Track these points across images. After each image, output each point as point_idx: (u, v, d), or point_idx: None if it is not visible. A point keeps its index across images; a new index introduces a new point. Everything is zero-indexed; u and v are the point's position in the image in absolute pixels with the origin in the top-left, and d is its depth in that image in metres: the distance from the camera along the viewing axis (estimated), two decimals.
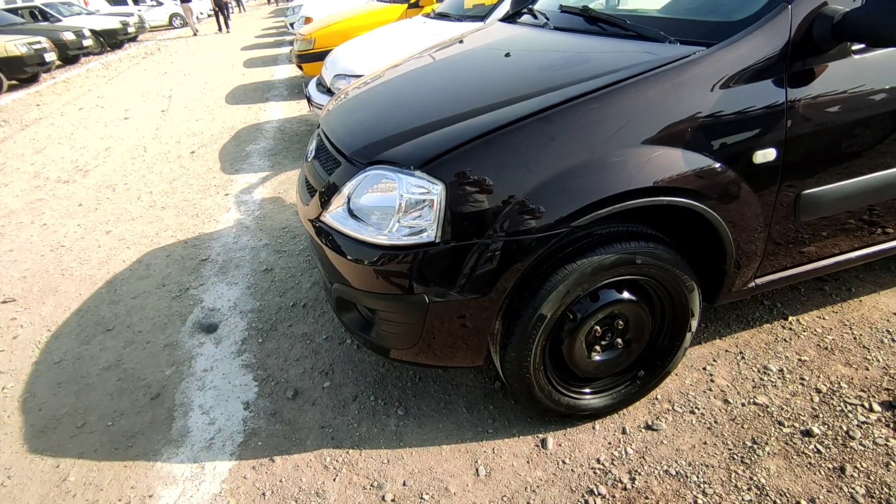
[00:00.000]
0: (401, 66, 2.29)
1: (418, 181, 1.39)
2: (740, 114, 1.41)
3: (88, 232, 3.50)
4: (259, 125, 5.69)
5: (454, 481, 1.59)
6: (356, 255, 1.48)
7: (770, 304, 2.19)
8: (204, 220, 3.53)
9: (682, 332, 1.68)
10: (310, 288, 2.62)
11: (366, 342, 1.66)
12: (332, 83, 4.02)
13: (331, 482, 1.62)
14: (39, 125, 6.71)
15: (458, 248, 1.37)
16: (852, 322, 2.04)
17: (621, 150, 1.36)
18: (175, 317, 2.50)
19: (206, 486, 1.65)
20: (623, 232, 1.48)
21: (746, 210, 1.51)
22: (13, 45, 9.45)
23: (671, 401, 1.78)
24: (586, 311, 1.53)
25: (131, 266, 3.01)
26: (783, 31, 1.40)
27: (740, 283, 1.68)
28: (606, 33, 1.83)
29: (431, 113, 1.62)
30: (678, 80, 1.40)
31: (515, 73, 1.74)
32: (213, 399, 1.98)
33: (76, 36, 12.22)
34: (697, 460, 1.57)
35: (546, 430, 1.72)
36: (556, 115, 1.39)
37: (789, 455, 1.56)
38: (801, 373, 1.84)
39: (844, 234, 1.73)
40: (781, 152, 1.46)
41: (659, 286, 1.59)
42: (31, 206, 4.04)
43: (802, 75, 1.44)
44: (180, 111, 6.67)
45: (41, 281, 2.95)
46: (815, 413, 1.68)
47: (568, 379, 1.67)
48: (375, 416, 1.84)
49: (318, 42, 5.54)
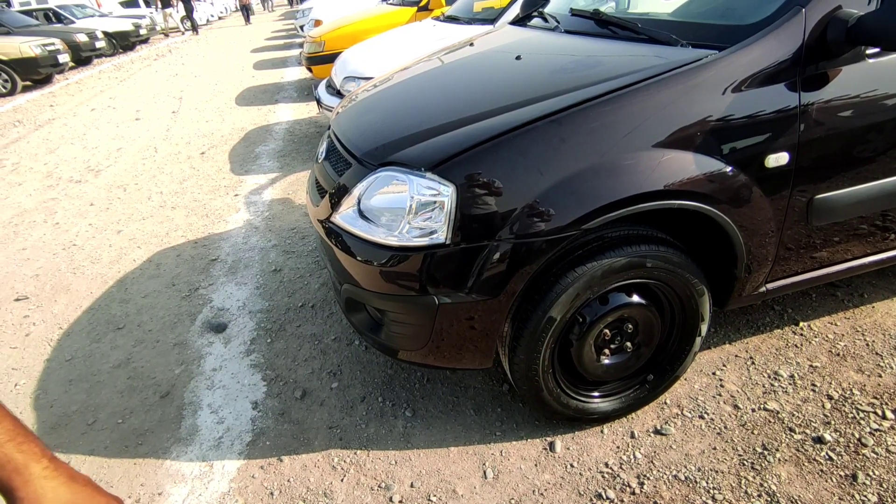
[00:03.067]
0: (411, 69, 2.30)
1: (429, 183, 1.39)
2: (752, 117, 1.41)
3: (100, 231, 3.54)
4: (269, 126, 5.72)
5: (462, 483, 1.59)
6: (366, 256, 1.49)
7: (781, 309, 2.17)
8: (213, 220, 3.55)
9: (692, 337, 1.67)
10: (318, 288, 2.63)
11: (374, 343, 1.66)
12: (342, 85, 4.03)
13: (338, 482, 1.63)
14: (52, 125, 6.80)
15: (468, 249, 1.37)
16: (865, 328, 2.02)
17: (632, 153, 1.36)
18: (184, 316, 2.52)
19: (215, 484, 1.65)
20: (633, 235, 1.48)
21: (758, 214, 1.50)
22: (28, 46, 9.59)
23: (680, 405, 1.77)
24: (596, 315, 1.53)
25: (142, 265, 3.03)
26: (797, 34, 1.39)
27: (751, 287, 1.67)
28: (617, 37, 1.83)
29: (442, 115, 1.63)
30: (690, 84, 1.40)
31: (526, 76, 1.75)
32: (222, 398, 1.99)
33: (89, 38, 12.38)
34: (707, 466, 1.56)
35: (554, 433, 1.72)
36: (566, 118, 1.39)
37: (800, 462, 1.55)
38: (812, 379, 1.82)
39: (857, 240, 1.71)
40: (794, 156, 1.45)
41: (669, 290, 1.58)
42: (44, 206, 4.08)
43: (816, 79, 1.43)
44: (191, 112, 6.72)
45: (53, 279, 2.98)
46: (826, 420, 1.67)
47: (576, 382, 1.67)
48: (383, 417, 1.84)
49: (327, 45, 5.57)
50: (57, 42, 10.46)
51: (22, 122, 7.15)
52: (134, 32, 15.39)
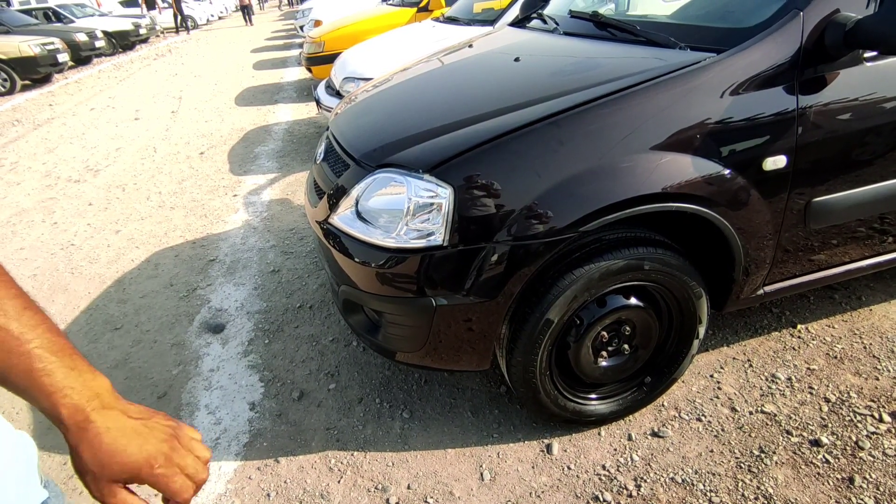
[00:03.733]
0: (410, 70, 2.30)
1: (427, 184, 1.39)
2: (750, 120, 1.41)
3: (98, 231, 3.53)
4: (268, 127, 5.72)
5: (459, 485, 1.59)
6: (364, 258, 1.49)
7: (778, 311, 2.17)
8: (212, 220, 3.55)
9: (690, 339, 1.67)
10: (316, 289, 2.63)
11: (372, 344, 1.66)
12: (341, 86, 4.04)
13: (335, 484, 1.62)
14: (52, 125, 6.79)
15: (465, 251, 1.37)
16: (862, 331, 2.02)
17: (630, 155, 1.36)
18: (182, 316, 2.52)
19: (211, 485, 1.65)
20: (631, 238, 1.48)
21: (756, 217, 1.50)
22: (27, 45, 9.58)
23: (678, 408, 1.77)
24: (593, 317, 1.53)
25: (140, 265, 3.03)
26: (795, 38, 1.39)
27: (749, 290, 1.67)
28: (616, 39, 1.83)
29: (440, 117, 1.63)
30: (688, 86, 1.40)
31: (525, 78, 1.75)
32: (219, 399, 1.99)
33: (89, 37, 12.37)
34: (704, 468, 1.56)
35: (551, 435, 1.72)
36: (565, 120, 1.39)
37: (797, 465, 1.55)
38: (809, 382, 1.82)
39: (855, 243, 1.72)
40: (792, 159, 1.45)
41: (667, 292, 1.58)
42: (43, 205, 4.08)
43: (814, 82, 1.43)
44: (190, 112, 6.72)
45: (51, 279, 2.97)
46: (823, 423, 1.67)
47: (574, 384, 1.67)
48: (381, 419, 1.84)
49: (327, 45, 5.57)
50: (56, 41, 10.46)
51: (21, 122, 7.14)
52: (134, 32, 15.40)
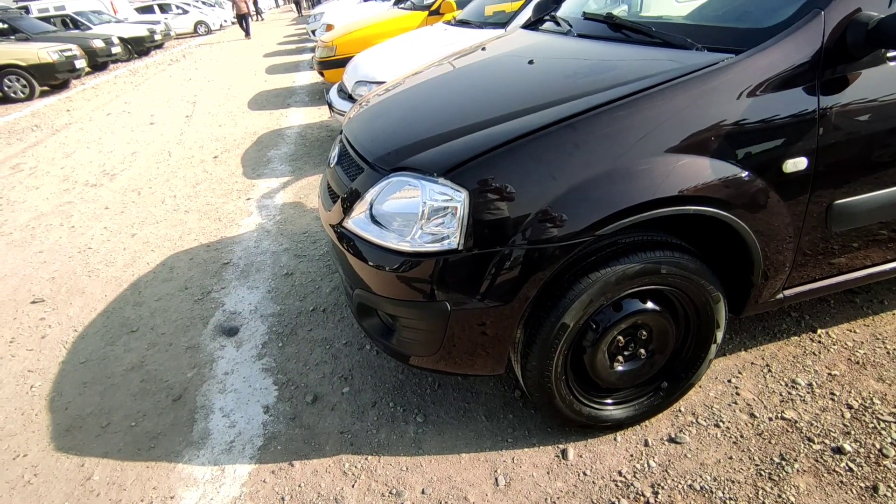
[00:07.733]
0: (422, 73, 2.30)
1: (441, 188, 1.39)
2: (770, 122, 1.38)
3: (114, 234, 3.58)
4: (281, 131, 5.76)
5: (473, 491, 1.58)
6: (378, 262, 1.49)
7: (798, 316, 2.13)
8: (226, 224, 3.58)
9: (707, 344, 1.65)
10: (330, 293, 2.63)
11: (386, 348, 1.66)
12: (354, 90, 4.05)
13: (349, 488, 1.62)
14: (69, 130, 6.90)
15: (480, 255, 1.36)
16: (885, 336, 1.98)
17: (647, 158, 1.35)
18: (197, 319, 2.54)
19: (226, 489, 1.66)
20: (648, 241, 1.46)
21: (775, 220, 1.47)
22: (45, 52, 9.77)
23: (695, 413, 1.74)
24: (609, 321, 1.51)
25: (155, 269, 3.06)
26: (816, 37, 1.37)
27: (768, 294, 1.64)
28: (631, 40, 1.81)
29: (454, 120, 1.62)
30: (705, 88, 1.38)
31: (539, 81, 1.74)
32: (234, 402, 2.00)
33: (105, 43, 12.57)
34: (723, 475, 1.54)
35: (567, 440, 1.70)
36: (580, 123, 1.38)
37: (819, 473, 1.51)
38: (831, 387, 1.78)
39: (877, 246, 1.68)
40: (813, 161, 1.43)
41: (684, 296, 1.56)
42: (60, 209, 4.14)
43: (835, 83, 1.41)
44: (204, 116, 6.80)
45: (69, 282, 3.01)
46: (846, 430, 1.63)
47: (589, 389, 1.65)
48: (394, 423, 1.83)
49: (339, 49, 5.60)
50: (74, 48, 10.64)
51: (40, 127, 7.27)
52: (149, 38, 15.62)
